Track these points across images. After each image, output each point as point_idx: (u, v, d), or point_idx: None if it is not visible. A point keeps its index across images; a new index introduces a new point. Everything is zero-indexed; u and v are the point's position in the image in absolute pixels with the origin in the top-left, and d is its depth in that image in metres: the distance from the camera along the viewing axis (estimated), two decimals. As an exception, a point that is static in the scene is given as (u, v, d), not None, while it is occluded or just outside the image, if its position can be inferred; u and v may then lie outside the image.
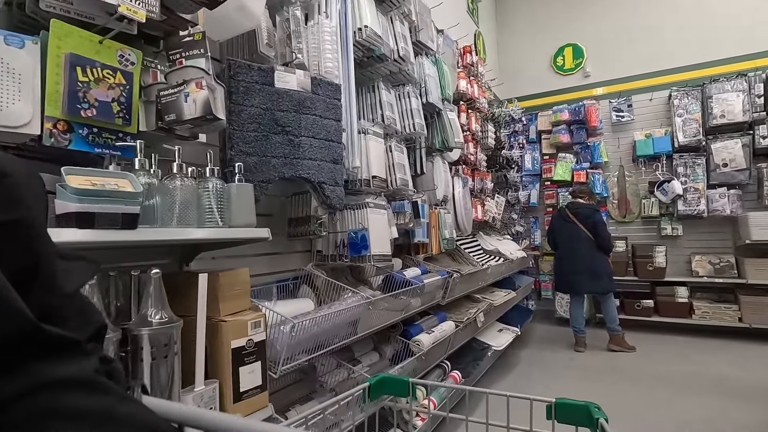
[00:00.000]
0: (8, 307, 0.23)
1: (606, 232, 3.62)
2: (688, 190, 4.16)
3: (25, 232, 0.27)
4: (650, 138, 4.40)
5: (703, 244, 4.32)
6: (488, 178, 3.55)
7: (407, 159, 2.22)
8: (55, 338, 0.25)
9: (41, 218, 0.30)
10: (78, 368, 0.26)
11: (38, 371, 0.24)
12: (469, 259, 2.95)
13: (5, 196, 0.26)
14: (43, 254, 0.28)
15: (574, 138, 4.73)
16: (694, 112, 4.17)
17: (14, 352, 0.23)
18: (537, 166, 4.95)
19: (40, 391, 0.24)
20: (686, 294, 4.10)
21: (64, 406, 0.24)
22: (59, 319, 0.28)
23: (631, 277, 4.39)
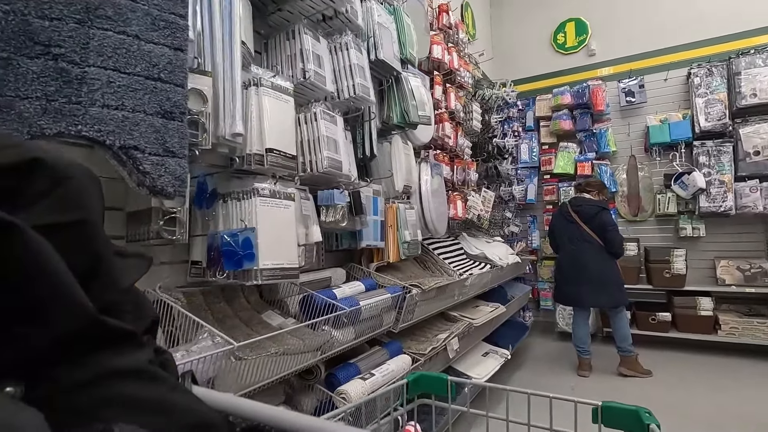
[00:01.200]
0: (75, 303, 0.24)
1: (617, 236, 3.01)
2: (712, 184, 3.53)
3: (87, 232, 0.29)
4: (666, 123, 3.77)
5: (730, 246, 3.68)
6: (473, 168, 2.95)
7: (345, 134, 1.62)
8: (114, 331, 0.27)
9: (100, 219, 0.32)
10: (134, 359, 0.28)
11: (99, 361, 0.26)
12: (444, 268, 2.35)
13: (69, 198, 0.28)
14: (102, 253, 0.30)
15: (578, 125, 4.11)
16: (719, 92, 3.55)
17: (79, 343, 0.25)
18: (535, 157, 4.34)
19: (101, 380, 0.26)
20: (710, 306, 3.47)
21: (121, 394, 0.26)
22: (117, 313, 0.29)
23: (644, 285, 3.76)
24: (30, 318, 0.23)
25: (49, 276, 0.24)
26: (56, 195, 0.27)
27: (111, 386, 0.26)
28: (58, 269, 0.24)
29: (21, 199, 0.26)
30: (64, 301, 0.24)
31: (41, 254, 0.23)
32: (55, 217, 0.27)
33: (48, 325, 0.24)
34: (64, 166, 0.29)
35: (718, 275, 3.56)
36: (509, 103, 4.09)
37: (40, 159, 0.27)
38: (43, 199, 0.27)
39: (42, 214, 0.26)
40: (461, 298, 2.32)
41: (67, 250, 0.25)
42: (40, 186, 0.27)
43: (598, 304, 3.11)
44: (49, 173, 0.28)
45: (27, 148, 0.28)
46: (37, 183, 0.27)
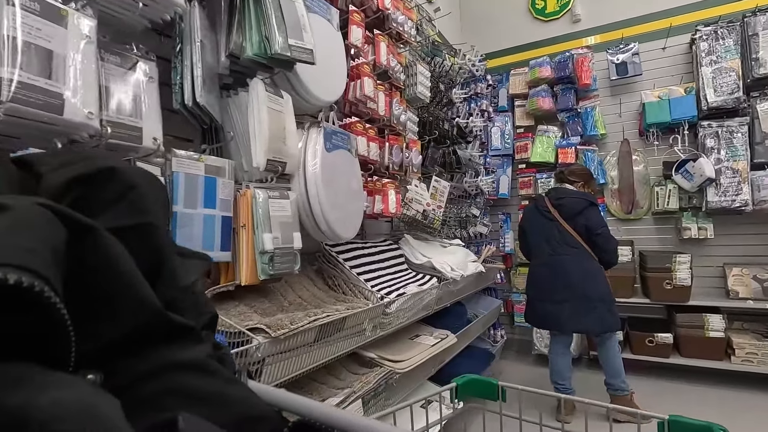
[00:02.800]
0: (144, 300, 0.26)
1: (610, 239, 2.31)
2: (723, 173, 2.84)
3: (153, 234, 0.31)
4: (665, 99, 3.07)
5: (744, 251, 3.00)
6: (416, 147, 2.21)
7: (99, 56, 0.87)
8: (177, 326, 0.29)
9: (164, 222, 0.34)
10: (195, 353, 0.30)
11: (163, 354, 0.27)
12: (358, 286, 1.61)
13: (134, 204, 0.31)
14: (166, 253, 0.32)
15: (559, 103, 3.40)
16: (731, 58, 2.85)
17: (147, 337, 0.27)
18: (508, 142, 3.62)
19: (165, 371, 0.27)
20: (722, 325, 2.78)
21: (182, 385, 0.28)
22: (179, 310, 0.31)
23: (639, 299, 3.06)
24: (104, 311, 0.25)
25: (122, 274, 0.26)
26: (126, 201, 0.31)
27: (174, 378, 0.28)
28: (129, 268, 0.26)
29: (97, 204, 0.29)
30: (135, 297, 0.26)
31: (115, 254, 0.26)
32: (126, 221, 0.30)
33: (120, 319, 0.25)
34: (133, 174, 0.32)
35: (729, 287, 2.87)
36: (476, 76, 3.36)
37: (113, 168, 0.31)
38: (116, 204, 0.30)
39: (114, 217, 0.29)
40: (380, 332, 1.57)
41: (136, 251, 0.27)
42: (113, 193, 0.30)
43: (582, 329, 2.39)
44: (121, 181, 0.31)
45: (101, 159, 0.32)
46: (111, 190, 0.30)
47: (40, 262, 0.20)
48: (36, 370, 0.19)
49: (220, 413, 0.29)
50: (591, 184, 2.53)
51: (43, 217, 0.22)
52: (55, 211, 0.23)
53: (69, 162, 0.31)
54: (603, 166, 3.30)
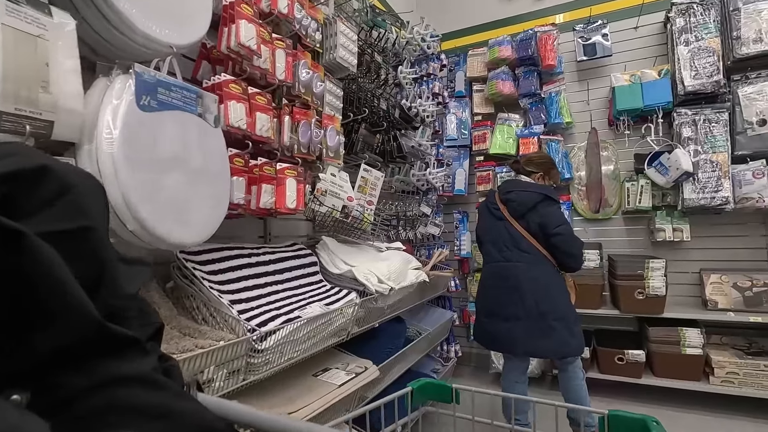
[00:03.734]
0: (81, 310, 0.24)
1: (571, 240, 1.89)
2: (700, 166, 2.50)
3: (92, 239, 0.29)
4: (637, 82, 2.71)
5: (724, 255, 2.66)
6: (333, 126, 1.73)
7: None
8: (119, 338, 0.27)
9: (104, 225, 0.32)
10: (139, 366, 0.28)
11: (104, 368, 0.26)
12: (220, 311, 1.12)
13: (73, 206, 0.28)
14: (107, 259, 0.30)
15: (521, 87, 3.00)
16: (709, 37, 2.51)
17: (84, 350, 0.25)
18: (466, 132, 3.19)
19: (106, 386, 0.26)
20: (699, 341, 2.42)
21: (126, 401, 0.26)
22: (122, 320, 0.29)
23: (608, 310, 2.68)
24: (35, 324, 0.23)
25: (55, 283, 0.24)
26: (62, 202, 0.28)
27: (116, 393, 0.26)
28: (63, 276, 0.24)
29: (27, 206, 0.27)
30: (70, 308, 0.24)
31: (46, 261, 0.23)
32: (61, 224, 0.27)
33: (53, 332, 0.24)
34: (69, 173, 0.30)
35: (707, 296, 2.53)
36: (428, 54, 2.93)
37: (47, 166, 0.28)
38: (49, 206, 0.28)
39: (48, 221, 0.27)
40: (249, 377, 1.09)
41: (73, 257, 0.25)
42: (47, 193, 0.28)
43: (538, 353, 1.97)
44: (55, 181, 0.28)
45: (34, 156, 0.29)
46: (44, 190, 0.28)
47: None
48: None
49: (168, 428, 0.28)
50: (552, 175, 2.12)
51: None
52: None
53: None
54: (568, 159, 2.92)
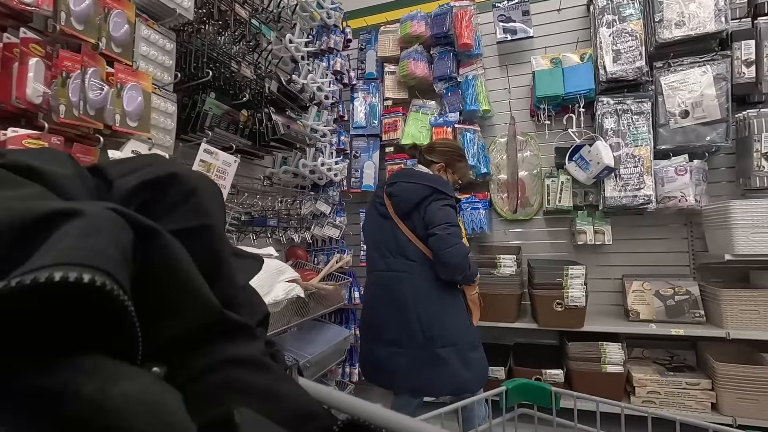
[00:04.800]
0: (202, 298, 0.27)
1: (447, 246, 1.48)
2: (622, 161, 2.24)
3: (212, 236, 0.33)
4: (558, 66, 2.43)
5: (647, 259, 2.44)
6: (138, 83, 1.22)
7: None
8: (234, 323, 0.30)
9: (222, 224, 0.36)
10: (250, 349, 0.31)
11: (221, 350, 0.29)
12: None
13: (195, 207, 0.32)
14: (223, 254, 0.33)
15: (436, 69, 2.63)
16: (632, 20, 2.27)
17: (205, 333, 0.28)
18: (375, 120, 2.78)
19: (222, 366, 0.28)
20: (621, 357, 2.16)
21: (238, 380, 0.29)
22: (234, 308, 0.31)
23: (527, 323, 2.36)
24: (167, 309, 0.26)
25: (182, 273, 0.27)
26: (188, 204, 0.32)
27: (230, 373, 0.29)
28: (189, 268, 0.27)
29: (161, 208, 0.31)
30: (194, 296, 0.27)
31: (176, 255, 0.27)
32: (187, 223, 0.31)
33: (181, 316, 0.27)
34: (193, 178, 0.34)
35: (629, 306, 2.28)
36: (328, 25, 2.48)
37: (176, 174, 0.33)
38: (178, 207, 0.32)
39: (176, 220, 0.31)
40: None
41: (196, 251, 0.28)
42: (176, 196, 0.32)
43: (422, 390, 1.54)
44: (182, 186, 0.33)
45: (164, 165, 0.33)
46: (173, 194, 0.32)
47: (111, 262, 0.21)
48: (108, 362, 0.20)
49: (273, 408, 0.29)
50: (458, 168, 1.74)
51: (113, 221, 0.24)
52: (123, 215, 0.25)
53: (135, 168, 0.33)
54: (486, 152, 2.58)
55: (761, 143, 2.04)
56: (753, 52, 2.09)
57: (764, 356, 2.02)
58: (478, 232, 2.48)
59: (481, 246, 2.68)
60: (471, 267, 1.53)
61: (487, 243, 2.71)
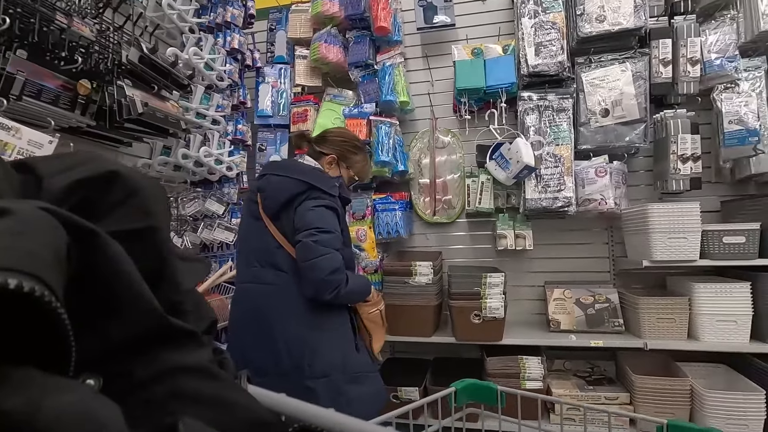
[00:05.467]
0: (144, 303, 0.26)
1: (312, 256, 1.20)
2: (543, 160, 2.10)
3: (156, 238, 0.31)
4: (479, 56, 2.26)
5: (568, 265, 2.32)
6: None
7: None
8: (179, 330, 0.28)
9: (166, 226, 0.34)
10: (196, 357, 0.30)
11: (166, 358, 0.27)
12: None
13: (139, 207, 0.30)
14: (168, 257, 0.32)
15: (351, 54, 2.37)
16: (554, 10, 2.15)
17: (148, 341, 0.27)
18: (283, 108, 2.46)
19: (167, 375, 0.27)
20: (540, 372, 1.99)
21: (185, 389, 0.28)
22: (180, 313, 0.31)
23: (444, 337, 2.15)
24: (105, 315, 0.25)
25: (123, 277, 0.25)
26: (129, 204, 0.30)
27: (176, 382, 0.27)
28: (130, 271, 0.26)
29: (100, 208, 0.29)
30: (136, 301, 0.26)
31: (116, 258, 0.25)
32: (129, 225, 0.29)
33: (121, 323, 0.25)
34: (136, 178, 0.32)
35: (550, 315, 2.13)
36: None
37: (116, 171, 0.31)
38: (119, 207, 0.30)
39: (117, 221, 0.29)
40: None
41: (138, 254, 0.27)
42: (116, 196, 0.30)
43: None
44: (124, 185, 0.30)
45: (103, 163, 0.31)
46: (114, 193, 0.30)
47: (42, 266, 0.20)
48: (36, 374, 0.19)
49: (223, 418, 0.28)
50: (354, 163, 1.48)
51: (45, 221, 0.22)
52: (57, 215, 0.23)
53: (70, 166, 0.31)
54: (403, 148, 2.35)
55: (677, 145, 1.97)
56: (670, 52, 2.02)
57: (680, 366, 1.93)
58: (394, 237, 2.23)
59: (399, 252, 2.44)
60: (350, 283, 1.25)
61: (407, 248, 2.48)
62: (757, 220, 1.82)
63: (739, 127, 1.90)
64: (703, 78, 1.99)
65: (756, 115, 1.90)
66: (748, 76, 1.96)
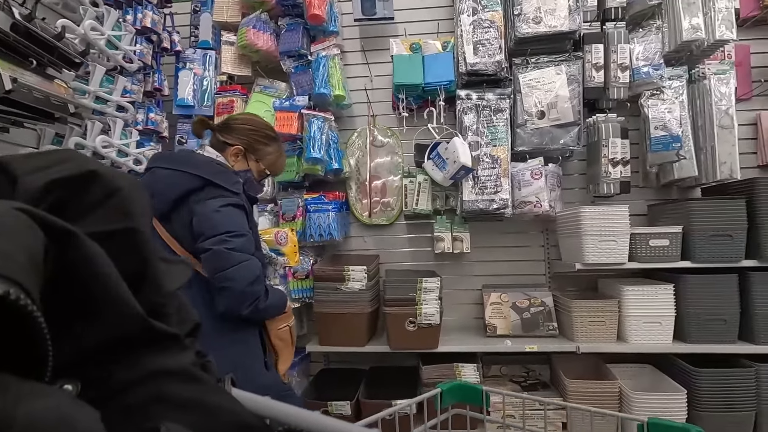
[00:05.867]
0: (124, 305, 0.25)
1: (234, 258, 1.05)
2: (481, 161, 2.05)
3: (136, 239, 0.30)
4: (417, 52, 2.17)
5: (506, 269, 2.29)
6: None
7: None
8: (160, 333, 0.28)
9: (147, 227, 0.33)
10: (178, 360, 0.29)
11: (147, 362, 0.27)
12: None
13: (119, 207, 0.30)
14: (150, 258, 0.31)
15: (283, 42, 2.20)
16: (493, 8, 2.11)
17: (128, 344, 0.26)
18: (208, 98, 2.24)
19: (148, 379, 0.27)
20: (476, 378, 1.93)
21: (167, 393, 0.27)
22: (162, 316, 0.30)
23: (378, 346, 2.03)
24: (84, 318, 0.24)
25: (101, 279, 0.25)
26: (109, 205, 0.30)
27: (157, 386, 0.27)
28: (109, 273, 0.25)
29: (78, 208, 0.28)
30: (115, 304, 0.25)
31: (95, 259, 0.24)
32: (107, 225, 0.29)
33: (100, 326, 0.24)
34: (115, 177, 0.31)
35: (486, 320, 2.08)
36: (135, -34, 1.89)
37: (95, 171, 0.30)
38: (97, 208, 0.29)
39: (96, 222, 0.28)
40: None
41: (118, 256, 0.26)
42: (95, 196, 0.29)
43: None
44: (102, 185, 0.30)
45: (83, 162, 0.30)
46: (92, 193, 0.29)
47: (17, 268, 0.19)
48: (10, 379, 0.19)
49: (206, 422, 0.28)
50: (264, 154, 1.31)
51: (21, 222, 0.22)
52: (33, 215, 0.23)
53: (47, 165, 0.30)
54: (338, 145, 2.21)
55: (608, 149, 2.00)
56: (602, 57, 2.04)
57: (610, 369, 1.95)
58: (327, 239, 2.09)
59: (334, 255, 2.30)
60: (270, 295, 1.10)
61: (343, 252, 2.34)
62: (679, 224, 1.87)
63: (664, 133, 1.95)
64: (632, 84, 2.03)
65: (679, 122, 1.96)
66: (672, 84, 2.03)
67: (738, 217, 1.81)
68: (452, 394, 0.91)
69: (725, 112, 1.97)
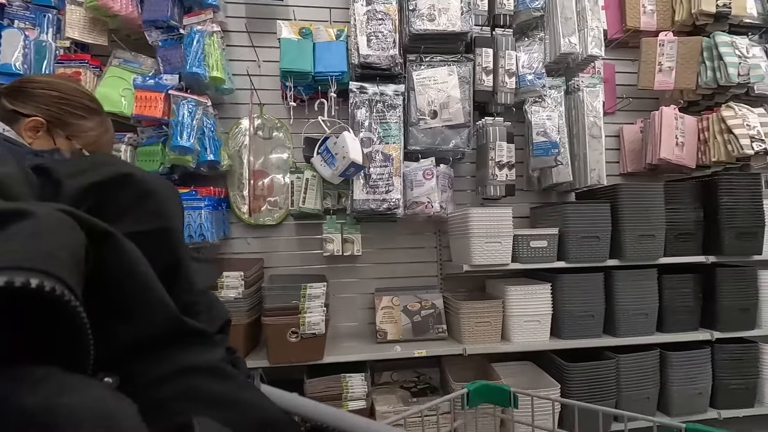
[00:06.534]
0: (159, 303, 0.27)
1: None
2: (372, 159, 1.95)
3: (169, 239, 0.33)
4: (308, 38, 2.01)
5: (400, 271, 2.22)
6: None
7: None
8: (192, 330, 0.30)
9: (180, 227, 0.35)
10: (209, 357, 0.31)
11: (179, 358, 0.28)
12: None
13: (154, 209, 0.32)
14: (182, 257, 0.34)
15: (147, 9, 1.86)
16: (387, 0, 2.03)
17: (163, 341, 0.27)
18: (46, 67, 1.82)
19: (180, 375, 0.28)
20: (364, 389, 1.82)
21: (197, 389, 0.28)
22: (194, 314, 0.32)
23: (257, 360, 1.81)
24: (121, 315, 0.25)
25: (138, 278, 0.26)
26: (144, 206, 0.32)
27: (190, 381, 0.28)
28: (146, 272, 0.26)
29: (114, 209, 0.30)
30: (151, 302, 0.26)
31: (131, 258, 0.26)
32: (143, 226, 0.31)
33: (137, 323, 0.26)
34: (149, 180, 0.33)
35: (377, 325, 1.99)
36: None
37: (131, 174, 0.32)
38: (133, 209, 0.31)
39: (132, 222, 0.30)
40: None
41: (154, 255, 0.27)
42: (130, 198, 0.31)
43: None
44: (138, 187, 0.32)
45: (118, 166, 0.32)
46: (128, 195, 0.31)
47: (61, 266, 0.20)
48: (55, 371, 0.19)
49: (235, 417, 0.28)
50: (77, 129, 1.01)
51: (64, 223, 0.23)
52: (75, 216, 0.23)
53: (87, 169, 0.32)
54: (215, 134, 1.95)
55: (495, 152, 2.03)
56: (491, 61, 2.08)
57: (495, 368, 1.98)
58: (198, 241, 1.81)
59: (212, 260, 2.02)
60: None
61: (222, 255, 2.08)
62: (556, 226, 1.97)
63: (545, 139, 2.04)
64: (518, 90, 2.10)
65: (557, 129, 2.07)
66: (552, 94, 2.13)
67: (604, 220, 1.95)
68: (479, 394, 0.92)
69: (594, 123, 2.13)
